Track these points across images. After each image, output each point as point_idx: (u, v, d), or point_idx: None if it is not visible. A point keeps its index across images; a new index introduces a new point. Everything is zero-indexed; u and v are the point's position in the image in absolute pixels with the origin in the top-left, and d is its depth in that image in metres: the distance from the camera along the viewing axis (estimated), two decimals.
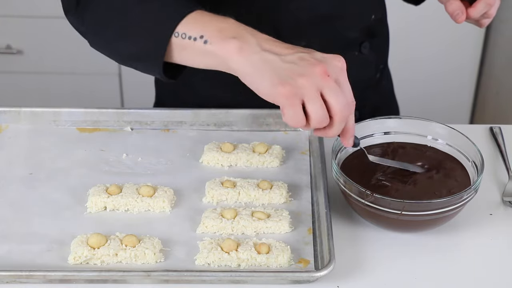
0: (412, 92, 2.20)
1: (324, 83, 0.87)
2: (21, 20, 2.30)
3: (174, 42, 0.92)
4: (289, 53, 0.88)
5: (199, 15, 0.93)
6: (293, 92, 0.86)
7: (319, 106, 0.87)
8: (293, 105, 0.87)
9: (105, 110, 1.21)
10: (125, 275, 0.92)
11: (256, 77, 0.88)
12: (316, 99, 0.87)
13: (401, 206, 0.95)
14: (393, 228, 1.01)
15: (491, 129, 1.25)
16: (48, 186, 1.08)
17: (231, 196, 1.05)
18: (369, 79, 1.34)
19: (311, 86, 0.86)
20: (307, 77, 0.86)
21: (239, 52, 0.88)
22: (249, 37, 0.89)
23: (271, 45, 0.89)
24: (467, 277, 0.96)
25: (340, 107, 0.88)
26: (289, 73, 0.87)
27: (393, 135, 1.11)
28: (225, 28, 0.91)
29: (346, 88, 0.89)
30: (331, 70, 0.88)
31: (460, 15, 1.09)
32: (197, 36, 0.91)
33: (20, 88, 2.41)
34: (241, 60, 0.88)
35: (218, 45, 0.90)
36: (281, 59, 0.88)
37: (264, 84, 0.88)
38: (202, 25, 0.91)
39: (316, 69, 0.87)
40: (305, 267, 0.95)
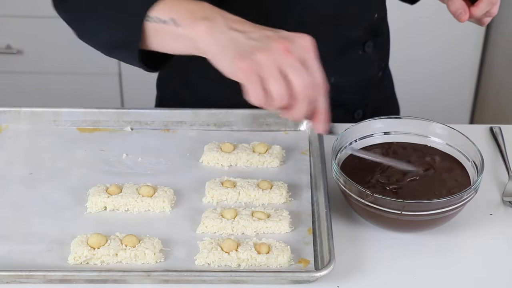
0: (412, 92, 2.20)
1: (285, 60, 0.85)
2: (21, 20, 2.31)
3: (148, 27, 0.92)
4: (255, 31, 0.88)
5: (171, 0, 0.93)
6: (251, 68, 0.85)
7: (278, 83, 0.85)
8: (252, 81, 0.86)
9: (105, 110, 1.21)
10: (125, 275, 0.92)
11: (220, 54, 0.88)
12: (275, 75, 0.85)
13: (401, 206, 0.95)
14: (393, 228, 1.01)
15: (491, 129, 1.25)
16: (48, 186, 1.08)
17: (231, 196, 1.05)
18: (371, 78, 1.34)
19: (270, 62, 0.85)
20: (267, 52, 0.85)
21: (207, 32, 0.88)
22: (218, 18, 0.89)
23: (240, 24, 0.89)
24: (467, 277, 0.96)
25: (301, 86, 0.86)
26: (250, 49, 0.86)
27: (393, 135, 1.11)
28: (196, 10, 0.91)
29: (312, 68, 0.87)
30: (294, 48, 0.86)
31: (463, 14, 1.09)
32: (167, 19, 0.91)
33: (20, 88, 2.41)
34: (209, 40, 0.88)
35: (189, 27, 0.90)
36: (246, 36, 0.87)
37: (226, 60, 0.88)
38: (174, 8, 0.91)
39: (277, 45, 0.85)
40: (305, 267, 0.95)
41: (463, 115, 2.52)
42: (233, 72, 0.87)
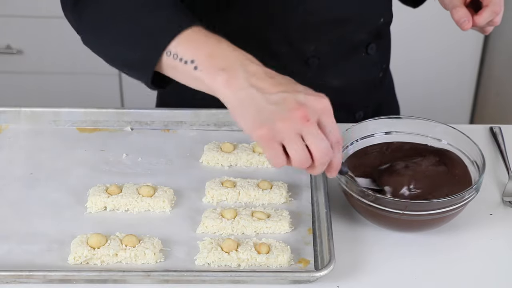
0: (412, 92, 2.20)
1: (304, 127, 0.86)
2: (21, 20, 2.30)
3: (166, 60, 0.92)
4: (273, 91, 0.87)
5: (194, 33, 0.92)
6: (271, 136, 0.86)
7: (299, 150, 0.87)
8: (272, 147, 0.87)
9: (105, 110, 1.21)
10: (125, 275, 0.92)
11: (240, 113, 0.88)
12: (295, 143, 0.86)
13: (403, 205, 0.95)
14: (395, 228, 1.01)
15: (491, 129, 1.25)
16: (48, 186, 1.08)
17: (231, 196, 1.05)
18: (374, 79, 1.34)
19: (289, 131, 0.86)
20: (286, 121, 0.86)
21: (226, 85, 0.88)
22: (238, 69, 0.88)
23: (259, 79, 0.87)
24: (467, 277, 0.96)
25: (320, 153, 0.87)
26: (270, 115, 0.86)
27: (394, 135, 1.11)
28: (216, 54, 0.90)
29: (329, 130, 0.88)
30: (312, 113, 0.86)
31: (467, 23, 1.09)
32: (188, 60, 0.90)
33: (20, 88, 2.41)
34: (228, 94, 0.88)
35: (207, 75, 0.89)
36: (265, 99, 0.86)
37: (246, 123, 0.88)
38: (195, 49, 0.90)
39: (296, 114, 0.85)
40: (305, 267, 0.95)
41: (463, 115, 2.52)
42: (253, 137, 0.88)
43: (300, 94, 0.87)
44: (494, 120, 2.39)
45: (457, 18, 1.09)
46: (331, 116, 0.88)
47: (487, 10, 1.08)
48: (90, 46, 1.03)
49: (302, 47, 1.23)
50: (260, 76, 0.88)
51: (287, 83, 0.89)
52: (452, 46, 2.39)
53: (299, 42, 1.23)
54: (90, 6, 1.00)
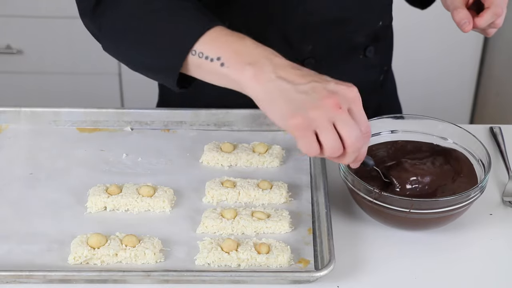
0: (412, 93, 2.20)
1: (337, 115, 0.87)
2: (21, 20, 2.30)
3: (191, 59, 0.93)
4: (302, 82, 0.88)
5: (217, 32, 0.93)
6: (305, 124, 0.87)
7: (332, 138, 0.87)
8: (306, 136, 0.88)
9: (105, 110, 1.21)
10: (125, 275, 0.92)
11: (270, 105, 0.89)
12: (328, 131, 0.87)
13: (410, 204, 0.96)
14: (400, 226, 1.01)
15: (491, 129, 1.25)
16: (48, 186, 1.08)
17: (231, 196, 1.05)
18: (373, 81, 1.34)
19: (323, 118, 0.86)
20: (319, 109, 0.86)
21: (254, 79, 0.89)
22: (265, 63, 0.89)
23: (286, 72, 0.88)
24: (467, 277, 0.96)
25: (352, 139, 0.88)
26: (301, 104, 0.87)
27: (400, 133, 1.11)
28: (242, 51, 0.91)
29: (360, 118, 0.89)
30: (343, 101, 0.87)
31: (467, 25, 1.08)
32: (214, 57, 0.91)
33: (20, 88, 2.41)
34: (256, 87, 0.89)
35: (234, 70, 0.90)
36: (295, 89, 0.87)
37: (277, 113, 0.89)
38: (220, 46, 0.92)
39: (328, 101, 0.86)
40: (305, 267, 0.95)
41: (463, 115, 2.52)
42: (285, 127, 0.89)
43: (330, 83, 0.89)
44: (494, 120, 2.39)
45: (457, 19, 1.09)
46: (361, 105, 0.89)
47: (489, 12, 1.08)
48: (111, 53, 1.03)
49: (299, 48, 1.23)
50: (286, 68, 0.89)
51: (315, 74, 0.90)
52: (452, 46, 2.39)
53: (297, 42, 1.23)
54: (109, 11, 1.00)
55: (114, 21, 1.00)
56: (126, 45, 1.00)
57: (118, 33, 1.00)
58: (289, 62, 0.91)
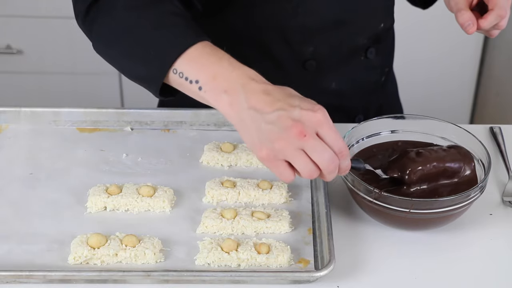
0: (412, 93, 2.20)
1: (303, 143, 0.88)
2: (21, 20, 2.30)
3: (172, 77, 0.95)
4: (269, 111, 0.89)
5: (199, 51, 0.94)
6: (271, 156, 0.89)
7: (303, 164, 0.89)
8: (275, 166, 0.90)
9: (105, 110, 1.21)
10: (125, 275, 0.92)
11: (243, 133, 0.92)
12: (298, 158, 0.89)
13: (410, 204, 0.96)
14: (400, 226, 1.02)
15: (491, 129, 1.25)
16: (48, 186, 1.08)
17: (231, 196, 1.05)
18: (374, 82, 1.34)
19: (289, 148, 0.88)
20: (283, 140, 0.88)
21: (229, 106, 0.91)
22: (239, 91, 0.91)
23: (256, 99, 0.90)
24: (467, 277, 0.96)
25: (325, 163, 0.89)
26: (268, 136, 0.89)
27: (400, 133, 1.11)
28: (219, 75, 0.92)
29: (330, 140, 0.89)
30: (308, 127, 0.88)
31: (471, 27, 1.08)
32: (193, 80, 0.93)
33: (20, 88, 2.41)
34: (232, 114, 0.91)
35: (212, 96, 0.93)
36: (263, 119, 0.89)
37: (249, 143, 0.91)
38: (199, 68, 0.93)
39: (292, 131, 0.88)
40: (305, 267, 0.95)
41: (463, 115, 2.52)
42: (257, 157, 0.91)
43: (295, 109, 0.88)
44: (494, 120, 2.39)
45: (461, 21, 1.08)
46: (329, 126, 0.89)
47: (493, 13, 1.08)
48: (101, 55, 1.05)
49: (300, 50, 1.23)
50: (258, 96, 0.90)
51: (284, 98, 0.90)
52: (452, 46, 2.39)
53: (298, 45, 1.23)
54: (100, 19, 1.02)
55: (104, 29, 1.02)
56: (115, 53, 1.02)
57: (108, 40, 1.02)
58: (263, 86, 0.91)
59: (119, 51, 1.01)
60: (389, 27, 1.30)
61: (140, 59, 0.99)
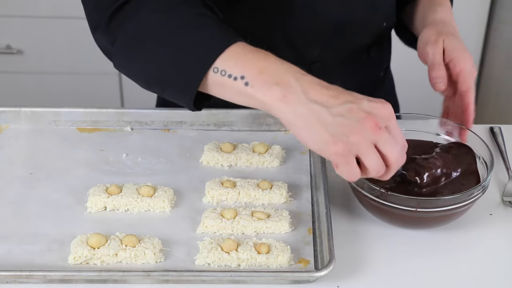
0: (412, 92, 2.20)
1: (378, 136, 0.85)
2: (21, 20, 2.31)
3: (212, 77, 0.89)
4: (336, 103, 0.84)
5: (239, 48, 0.89)
6: (347, 150, 0.84)
7: (376, 160, 0.86)
8: (347, 162, 0.85)
9: (105, 110, 1.21)
10: (125, 275, 0.92)
11: (304, 130, 0.85)
12: (371, 153, 0.85)
13: (416, 203, 0.96)
14: (403, 225, 1.02)
15: (491, 129, 1.25)
16: (48, 186, 1.08)
17: (231, 196, 1.05)
18: (374, 79, 1.34)
19: (365, 142, 0.84)
20: (360, 133, 0.84)
21: (282, 100, 0.85)
22: (293, 83, 0.85)
23: (317, 92, 0.85)
24: (467, 277, 0.96)
25: (395, 157, 0.87)
26: (341, 129, 0.84)
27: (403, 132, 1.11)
28: (267, 69, 0.87)
29: (397, 134, 0.87)
30: (380, 120, 0.85)
31: (441, 85, 1.07)
32: (237, 76, 0.87)
33: (20, 88, 2.41)
34: (286, 110, 0.85)
35: (260, 90, 0.86)
36: (330, 112, 0.84)
37: (314, 139, 0.85)
38: (243, 64, 0.87)
39: (368, 123, 0.84)
40: (305, 267, 0.95)
41: None
42: (325, 153, 0.86)
43: (363, 102, 0.86)
44: (494, 120, 2.39)
45: (434, 75, 1.07)
46: (396, 121, 0.87)
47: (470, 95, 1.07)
48: (123, 70, 0.99)
49: (306, 53, 1.23)
50: (316, 88, 0.85)
51: (345, 92, 0.87)
52: None
53: (303, 47, 1.22)
54: (125, 26, 0.96)
55: (130, 36, 0.95)
56: (141, 59, 0.95)
57: (133, 48, 0.95)
58: (317, 80, 0.87)
59: (146, 57, 0.94)
60: (391, 26, 1.30)
61: (173, 62, 0.91)
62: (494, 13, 2.34)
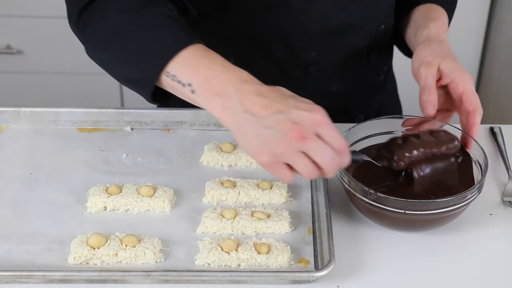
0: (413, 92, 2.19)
1: (303, 145, 0.87)
2: (21, 20, 2.30)
3: (165, 80, 0.95)
4: (267, 114, 0.87)
5: (191, 53, 0.94)
6: (272, 160, 0.89)
7: (304, 166, 0.89)
8: (276, 169, 0.90)
9: (105, 110, 1.21)
10: (125, 275, 0.92)
11: (240, 137, 0.90)
12: (298, 161, 0.88)
13: (405, 205, 0.95)
14: (396, 227, 1.01)
15: (491, 129, 1.25)
16: (48, 186, 1.08)
17: (231, 196, 1.05)
18: (374, 82, 1.34)
19: (290, 152, 0.88)
20: (284, 144, 0.87)
21: (222, 110, 0.90)
22: (232, 94, 0.89)
23: (251, 103, 0.88)
24: (467, 277, 0.96)
25: (326, 163, 0.89)
26: (268, 140, 0.88)
27: (397, 134, 1.11)
28: (211, 78, 0.91)
29: (330, 139, 0.89)
30: (308, 129, 0.87)
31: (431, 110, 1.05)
32: (185, 83, 0.93)
33: (20, 88, 2.41)
34: (226, 119, 0.90)
35: (204, 100, 0.92)
36: (260, 123, 0.88)
37: (248, 149, 0.90)
38: (191, 71, 0.93)
39: (292, 135, 0.87)
40: (305, 267, 0.95)
41: None
42: (257, 161, 0.90)
43: (292, 111, 0.88)
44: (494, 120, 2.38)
45: (424, 99, 1.05)
46: (328, 125, 0.89)
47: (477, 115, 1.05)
48: (93, 59, 1.05)
49: (303, 55, 1.23)
50: (252, 98, 0.89)
51: (279, 100, 0.89)
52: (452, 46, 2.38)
53: (300, 49, 1.22)
54: (93, 22, 1.02)
55: (97, 32, 1.02)
56: (107, 57, 1.02)
57: (100, 44, 1.02)
58: (257, 88, 0.90)
59: (112, 54, 1.01)
60: (389, 28, 1.30)
61: (133, 63, 0.98)
62: (494, 13, 2.34)
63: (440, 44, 1.13)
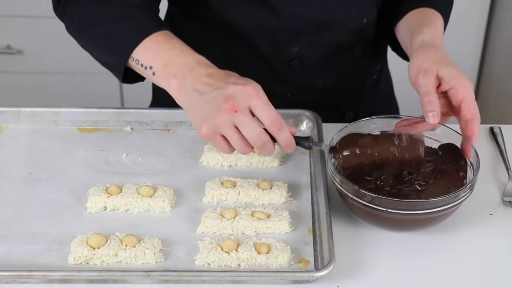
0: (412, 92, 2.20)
1: (234, 117, 0.96)
2: (21, 20, 2.31)
3: (131, 63, 1.06)
4: (208, 91, 0.97)
5: (153, 40, 1.04)
6: (211, 131, 0.98)
7: (236, 139, 0.97)
8: (216, 141, 0.99)
9: (105, 110, 1.21)
10: (125, 275, 0.92)
11: (189, 114, 1.01)
12: (231, 133, 0.97)
13: (387, 204, 0.95)
14: (388, 227, 1.01)
15: (491, 129, 1.25)
16: (48, 186, 1.08)
17: (231, 196, 1.05)
18: (364, 81, 1.34)
19: (224, 123, 0.96)
20: (218, 115, 0.96)
21: (178, 90, 1.00)
22: (186, 75, 0.99)
23: (199, 82, 0.98)
24: (467, 277, 0.96)
25: (252, 138, 0.97)
26: (207, 113, 0.97)
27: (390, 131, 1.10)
28: (170, 61, 1.02)
29: (261, 112, 0.96)
30: (240, 102, 0.95)
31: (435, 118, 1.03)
32: (147, 66, 1.04)
33: (20, 88, 2.41)
34: (180, 98, 1.01)
35: (163, 81, 1.02)
36: (203, 99, 0.97)
37: (194, 123, 1.00)
38: (152, 56, 1.04)
39: (225, 107, 0.95)
40: (305, 267, 0.95)
41: None
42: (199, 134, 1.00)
43: (229, 87, 0.96)
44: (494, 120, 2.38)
45: (428, 109, 1.03)
46: (259, 97, 0.96)
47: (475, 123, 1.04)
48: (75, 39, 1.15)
49: (285, 50, 1.23)
50: (202, 79, 0.98)
51: (222, 79, 0.97)
52: (452, 46, 2.37)
53: (283, 45, 1.23)
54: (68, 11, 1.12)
55: (72, 20, 1.12)
56: (83, 41, 1.13)
57: (75, 32, 1.13)
58: (208, 70, 0.99)
59: (86, 41, 1.12)
60: (372, 21, 1.28)
61: (104, 49, 1.10)
62: (494, 13, 2.34)
63: (436, 50, 1.12)
